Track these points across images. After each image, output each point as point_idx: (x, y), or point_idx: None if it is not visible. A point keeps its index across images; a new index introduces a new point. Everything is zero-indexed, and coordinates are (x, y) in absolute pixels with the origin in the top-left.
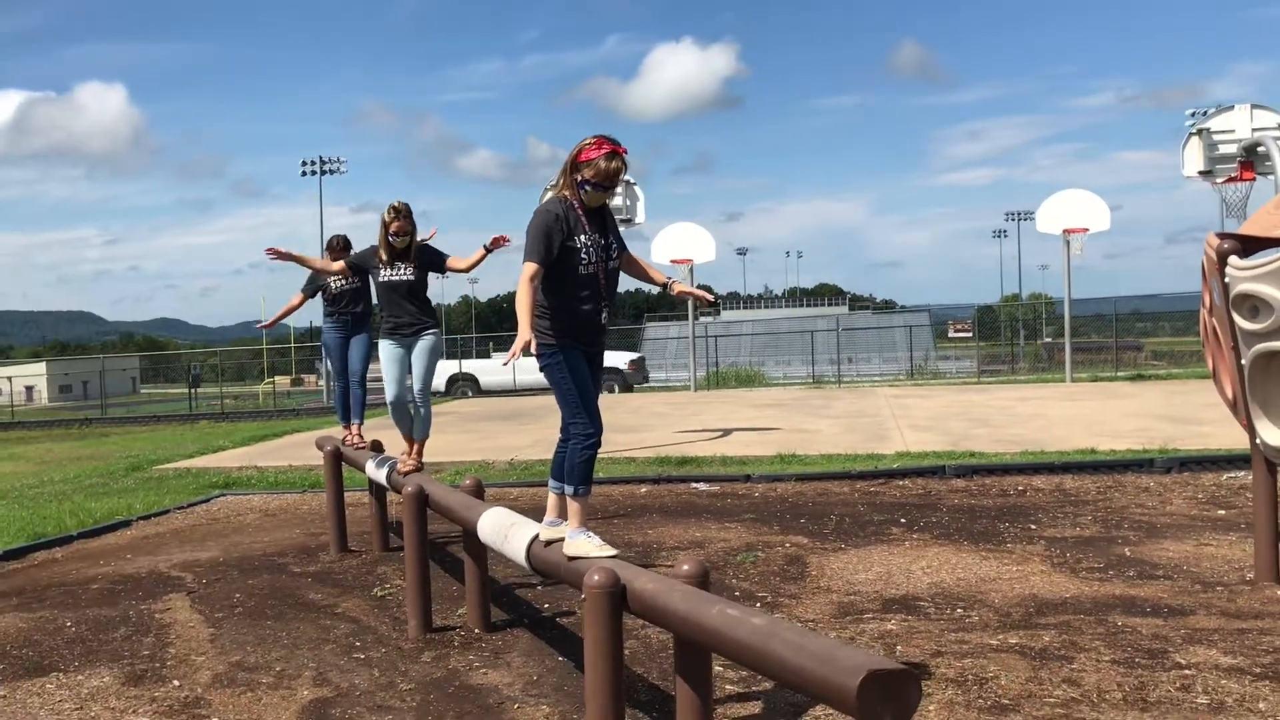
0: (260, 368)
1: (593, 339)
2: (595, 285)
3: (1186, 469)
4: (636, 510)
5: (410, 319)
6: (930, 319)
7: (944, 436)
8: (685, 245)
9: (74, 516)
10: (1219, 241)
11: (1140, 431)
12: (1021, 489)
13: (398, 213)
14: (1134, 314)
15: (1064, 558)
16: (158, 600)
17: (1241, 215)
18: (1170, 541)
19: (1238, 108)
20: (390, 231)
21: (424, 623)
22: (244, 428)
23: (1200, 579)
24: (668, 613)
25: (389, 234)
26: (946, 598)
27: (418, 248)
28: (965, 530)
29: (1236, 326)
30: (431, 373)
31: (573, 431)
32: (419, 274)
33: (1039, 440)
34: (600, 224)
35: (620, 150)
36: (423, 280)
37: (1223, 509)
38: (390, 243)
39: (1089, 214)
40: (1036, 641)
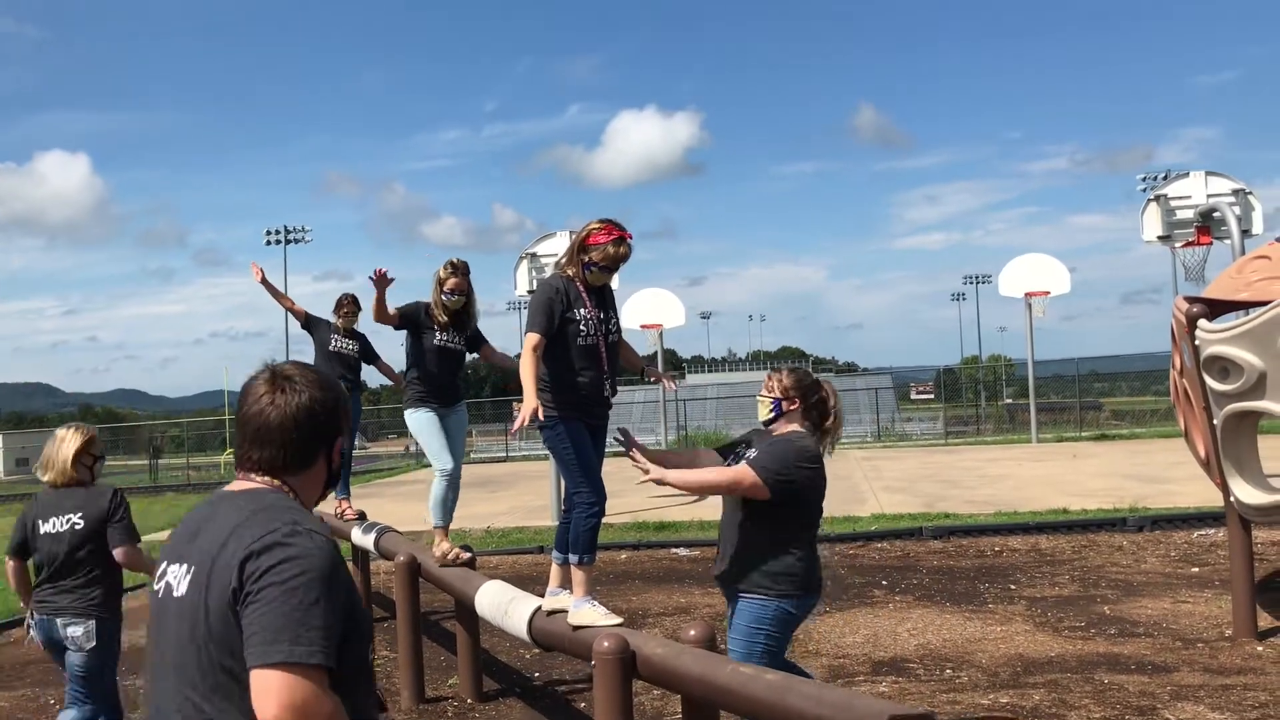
0: (222, 438)
1: (595, 410)
2: (596, 357)
3: (1158, 527)
4: (618, 576)
5: (450, 391)
6: (893, 381)
7: (918, 498)
8: (655, 311)
9: None
10: (1188, 305)
11: (1110, 491)
12: (998, 549)
13: (455, 269)
14: (1092, 374)
15: (1046, 617)
16: (139, 676)
17: (1200, 278)
18: (1148, 599)
19: (1193, 174)
20: (445, 289)
21: (417, 693)
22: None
23: (1181, 636)
24: (680, 675)
25: (444, 292)
26: (935, 659)
27: (473, 319)
28: (946, 591)
29: (1208, 388)
30: (463, 452)
31: (576, 501)
32: (467, 345)
33: (1011, 501)
34: (600, 301)
35: (627, 236)
36: (465, 354)
37: (1196, 566)
38: (445, 304)
39: (1049, 277)
40: (1027, 700)
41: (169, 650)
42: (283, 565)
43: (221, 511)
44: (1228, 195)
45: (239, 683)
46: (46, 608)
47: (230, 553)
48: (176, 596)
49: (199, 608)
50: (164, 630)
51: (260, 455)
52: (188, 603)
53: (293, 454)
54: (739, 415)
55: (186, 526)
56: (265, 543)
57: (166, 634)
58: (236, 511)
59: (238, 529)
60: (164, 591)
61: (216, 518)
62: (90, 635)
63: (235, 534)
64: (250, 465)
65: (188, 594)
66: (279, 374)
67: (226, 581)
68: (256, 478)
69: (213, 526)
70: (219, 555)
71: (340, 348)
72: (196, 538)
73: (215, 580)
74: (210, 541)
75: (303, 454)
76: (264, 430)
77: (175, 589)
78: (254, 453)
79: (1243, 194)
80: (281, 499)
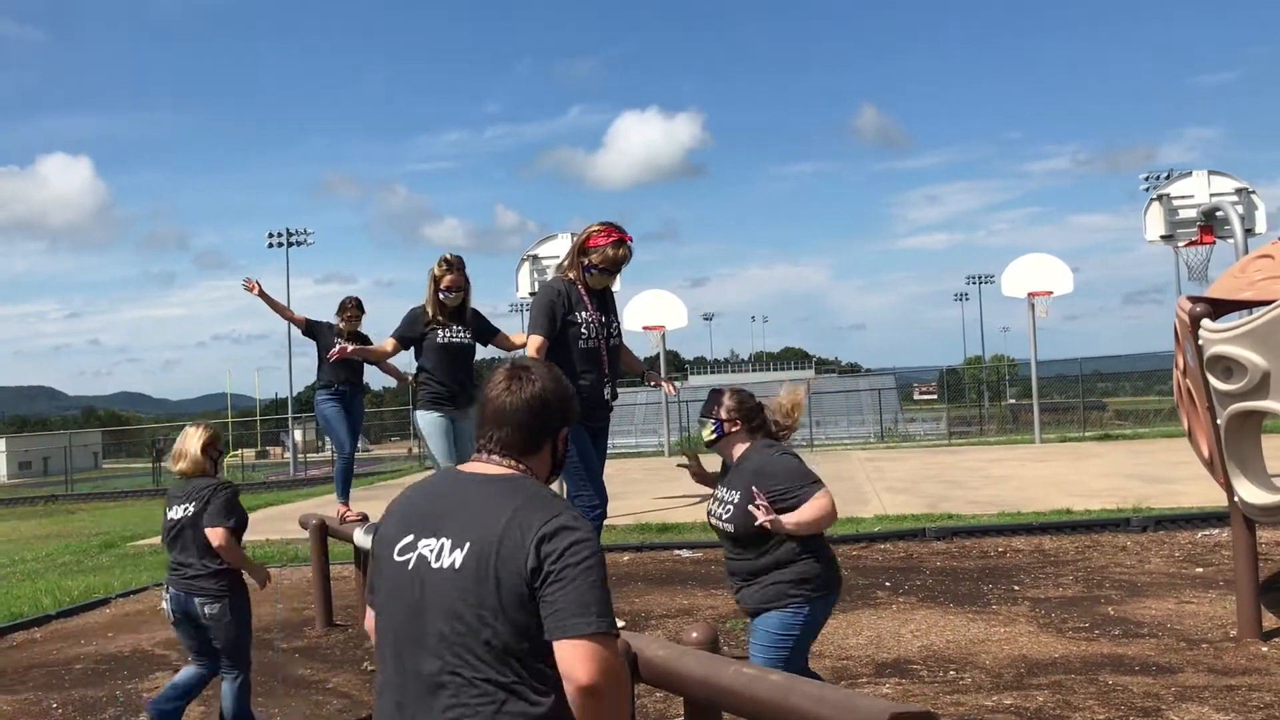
0: (225, 441)
1: (596, 414)
2: (597, 360)
3: (1162, 527)
4: (621, 578)
5: (464, 389)
6: (896, 381)
7: (921, 499)
8: (657, 312)
9: (50, 595)
10: (1191, 305)
11: (1113, 491)
12: (1001, 550)
13: (450, 265)
14: (1095, 374)
15: (1049, 618)
16: (144, 679)
17: (1203, 278)
18: (1152, 600)
19: (1195, 174)
20: (442, 287)
21: None
22: None
23: (1185, 636)
24: (683, 677)
25: (440, 289)
26: (938, 660)
27: (472, 310)
28: (950, 592)
29: (1211, 387)
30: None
31: (578, 503)
32: (473, 340)
33: (1014, 501)
34: (602, 304)
35: (626, 239)
36: (475, 348)
37: (1200, 566)
38: (442, 301)
39: (1052, 277)
40: (1031, 702)
41: (428, 618)
42: (575, 547)
43: (476, 492)
44: (1231, 194)
45: (522, 650)
46: (178, 587)
47: (519, 534)
48: (440, 567)
49: (486, 581)
50: (411, 598)
51: (498, 435)
52: (466, 575)
53: (525, 436)
54: None
55: (420, 503)
56: (554, 526)
57: (415, 602)
58: (503, 495)
59: (519, 511)
60: (415, 563)
61: (470, 497)
62: (225, 611)
63: (517, 516)
64: (490, 445)
65: (464, 567)
66: (518, 365)
67: (522, 560)
68: (498, 459)
69: (472, 506)
70: (505, 534)
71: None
72: (446, 515)
73: (506, 557)
74: (481, 521)
75: (533, 437)
76: (501, 412)
77: (435, 561)
78: (494, 432)
79: (1245, 193)
80: (541, 486)
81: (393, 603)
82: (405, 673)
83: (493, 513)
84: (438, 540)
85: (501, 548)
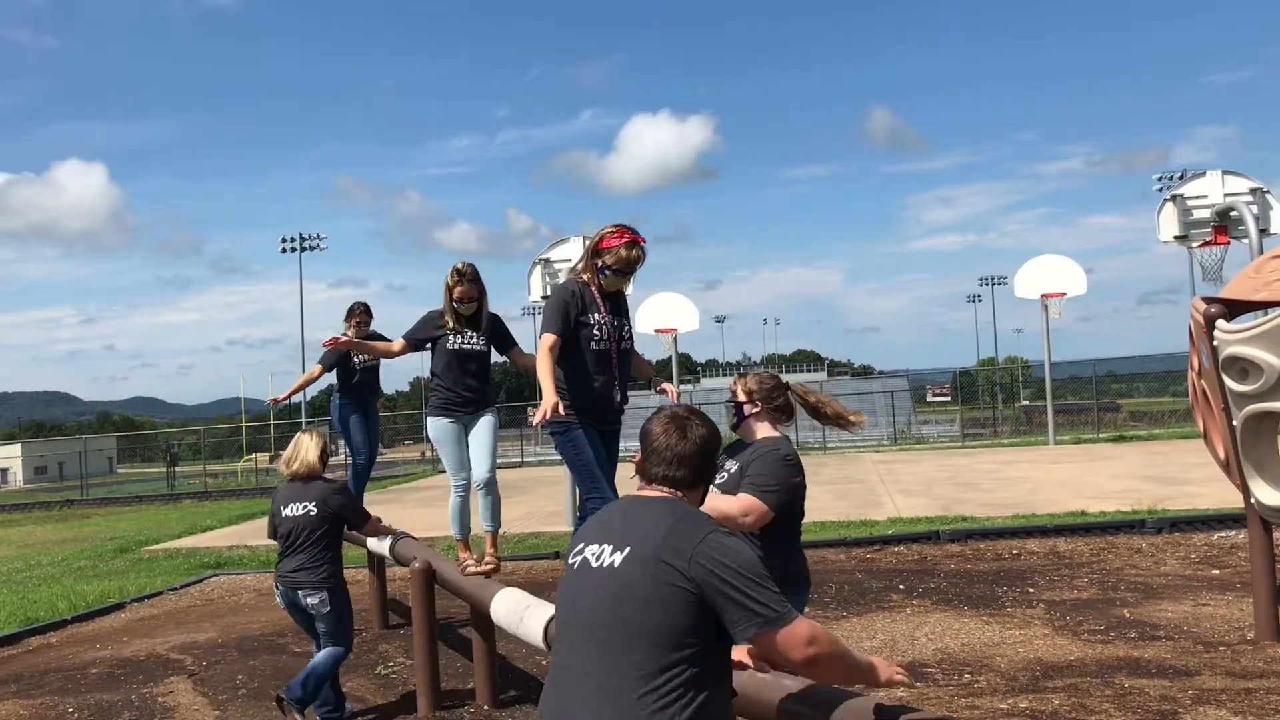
0: (238, 445)
1: (607, 416)
2: (608, 362)
3: (1177, 529)
4: None
5: (473, 395)
6: (909, 384)
7: (934, 501)
8: (669, 315)
9: (65, 600)
10: (1205, 306)
11: (1128, 492)
12: (1016, 552)
13: (461, 276)
14: (1109, 375)
15: (1065, 620)
16: (159, 684)
17: (1217, 278)
18: (1168, 602)
19: (1209, 174)
20: (454, 297)
21: (433, 700)
22: (229, 506)
23: (1201, 639)
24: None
25: (454, 300)
26: (953, 663)
27: (489, 317)
28: (964, 595)
29: (1227, 388)
30: (495, 454)
31: (589, 507)
32: (488, 346)
33: (1029, 503)
34: (615, 306)
35: (640, 240)
36: (490, 353)
37: (1216, 569)
38: (456, 310)
39: (1065, 278)
40: (1046, 705)
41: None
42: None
43: (640, 511)
44: (1245, 194)
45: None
46: (287, 580)
47: (680, 540)
48: (602, 567)
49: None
50: (583, 593)
51: (670, 473)
52: (623, 574)
53: (694, 474)
54: None
55: (597, 519)
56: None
57: (586, 596)
58: (664, 511)
59: (679, 523)
60: (580, 565)
61: (634, 513)
62: (325, 602)
63: (678, 527)
64: (658, 480)
65: (622, 567)
66: (682, 414)
67: (685, 569)
68: (659, 489)
69: (635, 518)
70: (665, 540)
71: (365, 361)
72: (613, 527)
73: (665, 562)
74: (642, 530)
75: (701, 475)
76: (677, 456)
77: (597, 562)
78: (665, 470)
79: (1260, 193)
80: (694, 507)
81: (562, 600)
82: (568, 661)
83: (654, 523)
84: (600, 546)
85: (662, 551)
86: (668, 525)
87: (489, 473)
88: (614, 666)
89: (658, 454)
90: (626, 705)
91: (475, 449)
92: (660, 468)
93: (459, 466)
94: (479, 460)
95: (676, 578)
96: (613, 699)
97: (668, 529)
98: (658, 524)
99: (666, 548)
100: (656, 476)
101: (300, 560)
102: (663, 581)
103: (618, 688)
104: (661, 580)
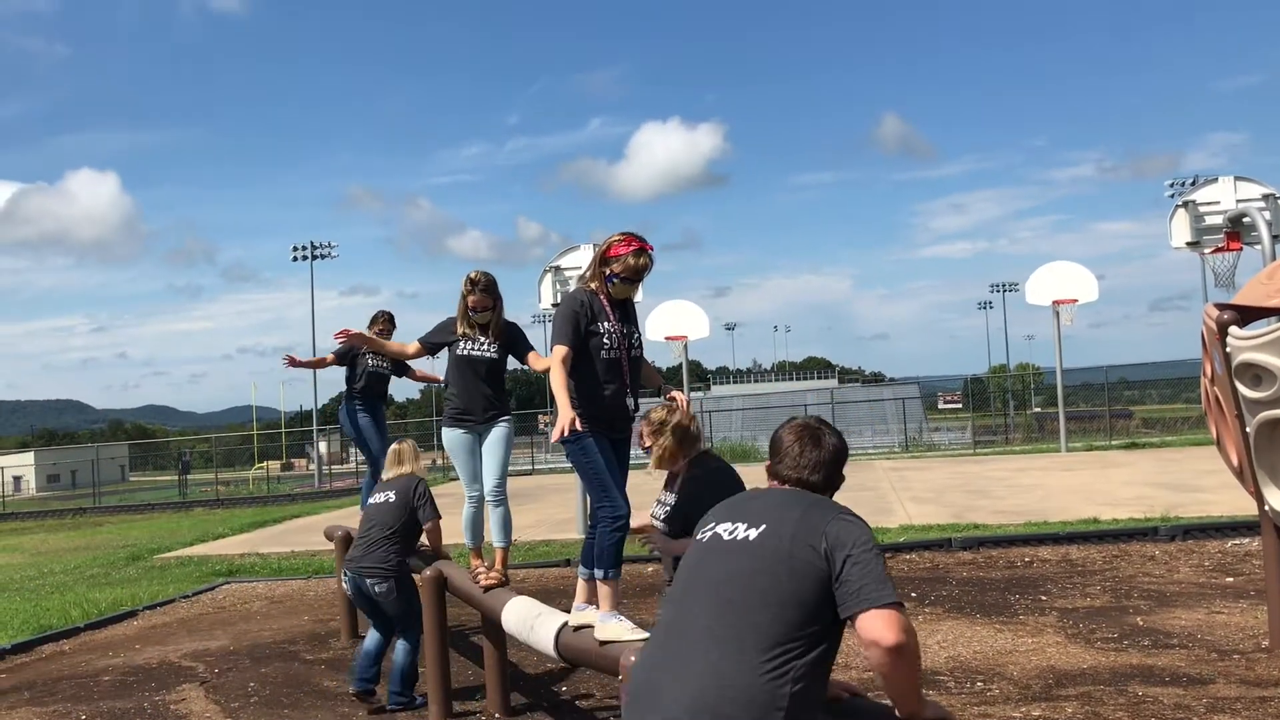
0: (250, 453)
1: (618, 424)
2: (619, 370)
3: (1191, 536)
4: (644, 590)
5: (484, 403)
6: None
7: (946, 509)
8: (679, 323)
9: (78, 607)
10: (1218, 312)
11: (1140, 500)
12: (1028, 560)
13: (474, 285)
14: (1121, 382)
15: (1077, 628)
16: (171, 691)
17: (1230, 284)
18: (1182, 610)
19: (1221, 180)
20: (469, 306)
21: (445, 709)
22: (240, 514)
23: (1216, 647)
24: None
25: (469, 309)
26: (965, 671)
27: (503, 325)
28: (976, 603)
29: (1240, 395)
30: (507, 465)
31: (600, 515)
32: (502, 353)
33: (1041, 510)
34: (623, 314)
35: (648, 248)
36: (504, 361)
37: (1231, 576)
38: (470, 318)
39: (1077, 285)
40: (1059, 713)
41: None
42: (860, 535)
43: (773, 497)
44: (1257, 200)
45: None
46: (354, 566)
47: (816, 520)
48: (735, 540)
49: (778, 553)
50: (714, 561)
51: (806, 478)
52: (758, 544)
53: (826, 480)
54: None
55: (727, 504)
56: (844, 520)
57: (718, 564)
58: (798, 497)
59: (813, 506)
60: (711, 538)
61: (768, 498)
62: (391, 590)
63: (813, 509)
64: (792, 483)
65: (758, 539)
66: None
67: (817, 542)
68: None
69: (769, 502)
70: (802, 519)
71: (377, 366)
72: (745, 509)
73: (800, 538)
74: (777, 512)
75: (833, 481)
76: (814, 462)
77: (730, 536)
78: (800, 474)
79: (1272, 198)
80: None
81: (688, 566)
82: (688, 617)
83: (789, 505)
84: (733, 524)
85: (798, 528)
86: (803, 507)
87: (499, 487)
88: (739, 623)
89: (792, 460)
90: (745, 665)
91: (486, 462)
92: (794, 472)
93: (472, 479)
94: (489, 474)
95: (808, 552)
96: (734, 653)
97: (803, 510)
98: (792, 507)
99: (803, 524)
100: (790, 480)
101: (372, 548)
102: (795, 554)
103: (740, 645)
104: (795, 553)
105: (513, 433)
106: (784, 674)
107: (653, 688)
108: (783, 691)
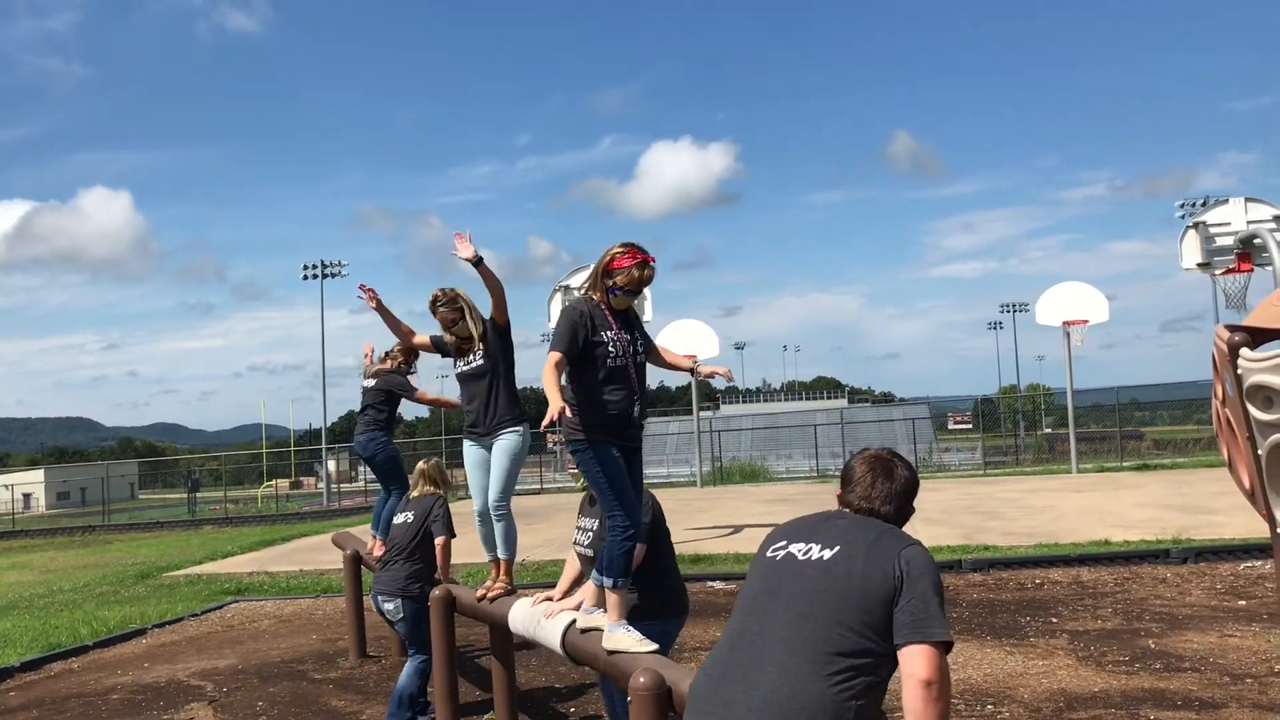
0: (259, 471)
1: (626, 432)
2: (626, 378)
3: (1203, 559)
4: None
5: (487, 414)
6: (930, 411)
7: (956, 530)
8: (688, 341)
9: (87, 625)
10: (1229, 334)
11: (1152, 522)
12: (1039, 582)
13: (434, 304)
14: (1132, 403)
15: (1089, 651)
16: (180, 710)
17: (1241, 305)
18: (1193, 633)
19: (1232, 201)
20: (441, 325)
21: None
22: (249, 532)
23: (1228, 671)
24: None
25: (443, 328)
26: (976, 694)
27: (484, 327)
28: (987, 625)
29: (1251, 417)
30: (510, 479)
31: (610, 524)
32: (490, 361)
33: (1052, 532)
34: (625, 322)
35: (650, 260)
36: (500, 365)
37: (1243, 599)
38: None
39: (1087, 305)
40: None
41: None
42: (928, 567)
43: (847, 521)
44: (1268, 221)
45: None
46: (377, 585)
47: (889, 545)
48: (809, 559)
49: (851, 575)
50: (790, 578)
51: (878, 509)
52: (832, 566)
53: (898, 511)
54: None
55: (797, 524)
56: (914, 549)
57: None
58: (870, 525)
59: (886, 534)
60: (785, 557)
61: (841, 523)
62: (398, 610)
63: (886, 535)
64: (863, 513)
65: (833, 559)
66: (886, 457)
67: (889, 566)
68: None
69: (842, 526)
70: (875, 544)
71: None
72: (818, 531)
73: (872, 561)
74: (851, 535)
75: (905, 513)
76: (886, 493)
77: (805, 555)
78: (871, 505)
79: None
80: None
81: (760, 581)
82: (762, 627)
83: (862, 531)
84: (807, 544)
85: (870, 552)
86: (877, 532)
87: (497, 499)
88: (814, 637)
89: (863, 490)
90: (816, 675)
91: (491, 473)
92: (865, 503)
93: (479, 492)
94: (490, 487)
95: (881, 575)
96: (807, 663)
97: (877, 534)
98: (866, 532)
99: (877, 547)
100: (861, 510)
101: (393, 568)
102: (869, 575)
103: (813, 657)
104: (869, 574)
105: (520, 444)
106: (851, 689)
107: (720, 692)
108: (849, 705)
